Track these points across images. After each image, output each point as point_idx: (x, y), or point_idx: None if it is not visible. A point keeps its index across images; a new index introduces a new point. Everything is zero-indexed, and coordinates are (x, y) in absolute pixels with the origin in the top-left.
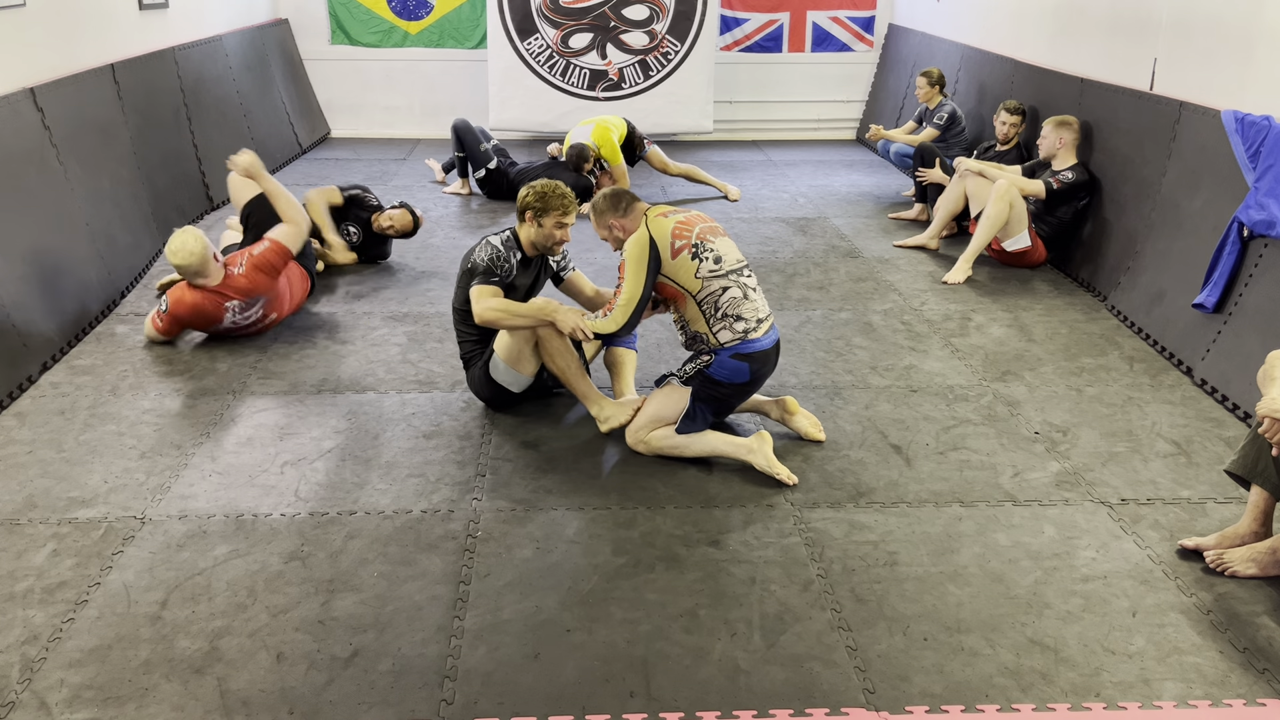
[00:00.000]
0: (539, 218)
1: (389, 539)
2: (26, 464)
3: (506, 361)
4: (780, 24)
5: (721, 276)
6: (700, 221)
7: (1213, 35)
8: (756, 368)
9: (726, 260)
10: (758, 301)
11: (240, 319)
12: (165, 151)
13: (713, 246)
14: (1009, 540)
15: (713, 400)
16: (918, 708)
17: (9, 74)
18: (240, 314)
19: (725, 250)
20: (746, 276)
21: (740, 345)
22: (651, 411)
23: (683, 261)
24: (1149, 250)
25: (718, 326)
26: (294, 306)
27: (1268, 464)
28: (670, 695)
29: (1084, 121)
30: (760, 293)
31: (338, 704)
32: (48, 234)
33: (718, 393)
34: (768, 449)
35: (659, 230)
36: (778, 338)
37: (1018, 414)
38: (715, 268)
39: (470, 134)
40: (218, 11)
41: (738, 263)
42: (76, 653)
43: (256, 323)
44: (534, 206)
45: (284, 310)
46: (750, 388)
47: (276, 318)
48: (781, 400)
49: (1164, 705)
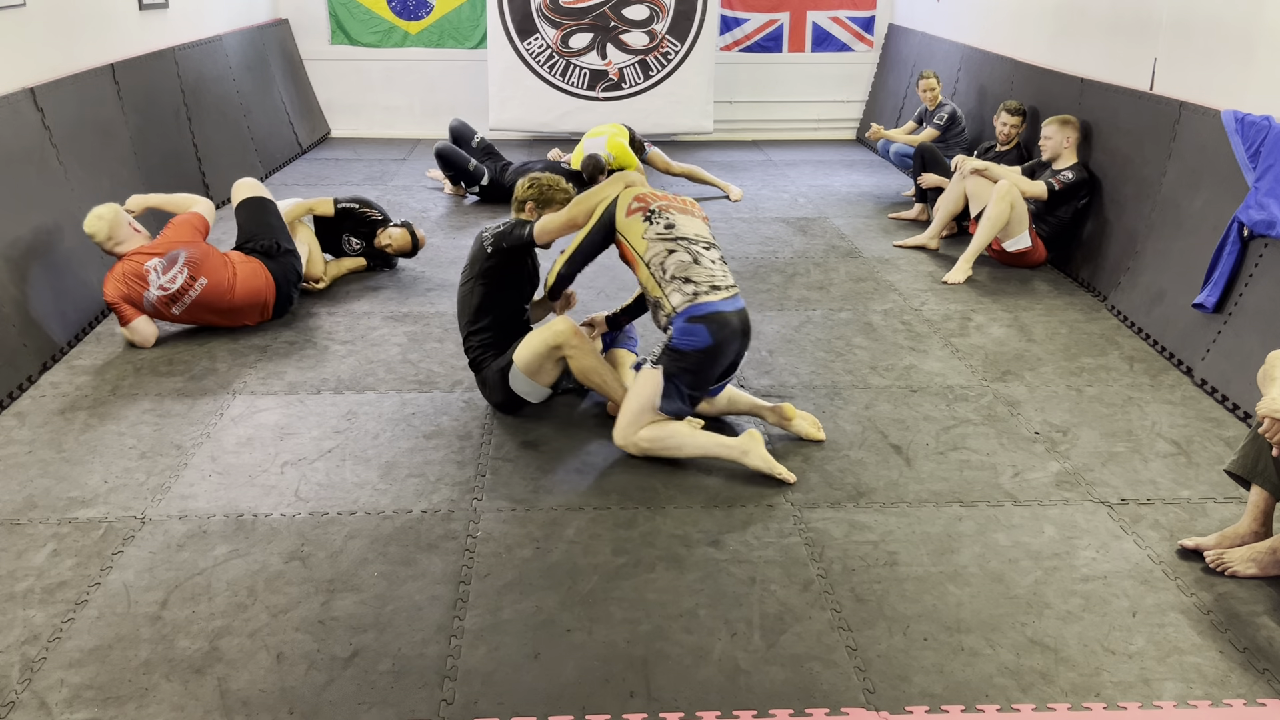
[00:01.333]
0: (540, 209)
1: (389, 539)
2: (26, 464)
3: (526, 373)
4: (780, 24)
5: (669, 240)
6: (675, 201)
7: (1213, 35)
8: (715, 330)
9: (680, 229)
10: (714, 270)
11: (166, 281)
12: (165, 151)
13: (669, 216)
14: (1009, 540)
15: (684, 373)
16: (918, 708)
17: (9, 74)
18: (164, 274)
19: (685, 224)
20: (704, 249)
21: (692, 307)
22: (631, 404)
23: (634, 221)
24: (1149, 250)
25: (669, 289)
26: (245, 292)
27: (1268, 464)
28: (670, 695)
29: (1084, 121)
30: (723, 268)
31: (338, 704)
32: (48, 234)
33: (685, 363)
34: (761, 448)
35: (625, 195)
36: (741, 309)
37: (1018, 414)
38: (664, 232)
39: (457, 156)
40: (218, 11)
41: (697, 236)
42: (76, 653)
43: (185, 289)
44: (534, 199)
45: (218, 278)
46: (717, 355)
47: (208, 285)
48: (778, 408)
49: (1164, 705)
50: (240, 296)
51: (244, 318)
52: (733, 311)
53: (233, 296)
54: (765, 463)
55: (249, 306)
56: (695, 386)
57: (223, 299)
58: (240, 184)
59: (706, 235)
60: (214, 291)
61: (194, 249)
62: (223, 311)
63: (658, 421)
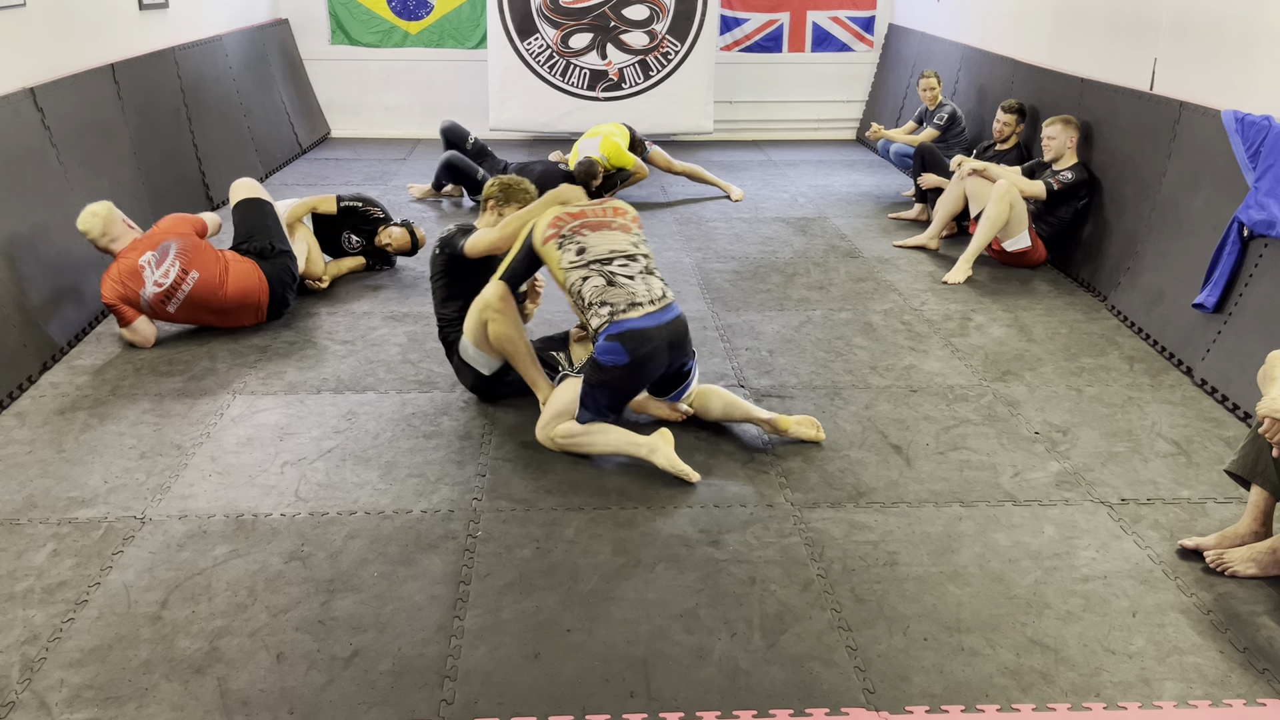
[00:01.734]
0: (500, 207)
1: (389, 539)
2: (26, 464)
3: (474, 343)
4: (780, 24)
5: (582, 267)
6: (592, 216)
7: (1213, 35)
8: (632, 347)
9: (591, 252)
10: (633, 287)
11: (159, 276)
12: (165, 151)
13: (580, 239)
14: (1009, 540)
15: (602, 386)
16: (918, 708)
17: (9, 74)
18: (157, 269)
19: (597, 244)
20: (621, 265)
21: (610, 326)
22: (553, 406)
23: (550, 249)
24: (1149, 250)
25: (589, 314)
26: (237, 291)
27: (1268, 464)
28: (670, 695)
29: (1084, 121)
30: (645, 281)
31: (338, 704)
32: (48, 234)
33: (604, 377)
34: (668, 448)
35: (543, 219)
36: (663, 322)
37: (1018, 414)
38: (575, 259)
39: (467, 166)
40: (218, 11)
41: (611, 253)
42: (76, 653)
43: (178, 283)
44: (496, 196)
45: (209, 272)
46: (637, 371)
47: (200, 279)
48: (773, 420)
49: (1164, 705)
50: (233, 294)
51: (239, 318)
52: (656, 326)
53: (225, 293)
54: (670, 462)
55: (242, 306)
56: (614, 400)
57: (215, 295)
58: (237, 184)
59: (625, 247)
60: (206, 286)
61: (184, 240)
62: (217, 311)
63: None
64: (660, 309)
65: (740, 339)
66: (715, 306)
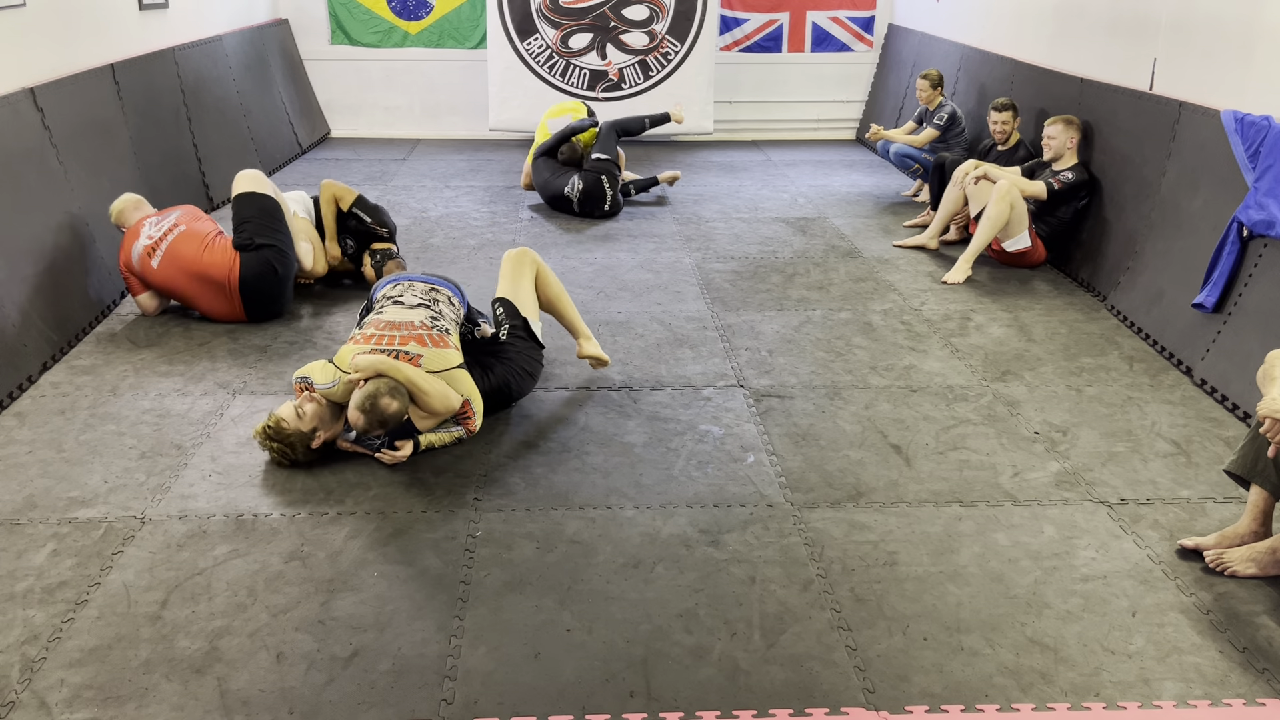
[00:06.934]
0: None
1: (389, 539)
2: (26, 464)
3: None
4: (780, 24)
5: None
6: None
7: (1213, 35)
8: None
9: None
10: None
11: (153, 230)
12: (165, 151)
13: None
14: (1009, 540)
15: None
16: (917, 707)
17: (9, 74)
18: (155, 227)
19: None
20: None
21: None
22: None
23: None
24: (1149, 250)
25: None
26: (210, 263)
27: (1267, 464)
28: (670, 695)
29: (1084, 121)
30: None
31: (338, 704)
32: (48, 234)
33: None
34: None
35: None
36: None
37: (1017, 414)
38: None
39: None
40: (218, 11)
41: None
42: (76, 652)
43: (166, 234)
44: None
45: (199, 232)
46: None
47: (185, 231)
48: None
49: (1164, 705)
50: (206, 264)
51: (211, 298)
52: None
53: (200, 259)
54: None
55: (213, 282)
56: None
57: (192, 255)
58: (240, 176)
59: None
60: (189, 240)
61: (188, 213)
62: (192, 275)
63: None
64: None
65: (740, 339)
66: (715, 306)
